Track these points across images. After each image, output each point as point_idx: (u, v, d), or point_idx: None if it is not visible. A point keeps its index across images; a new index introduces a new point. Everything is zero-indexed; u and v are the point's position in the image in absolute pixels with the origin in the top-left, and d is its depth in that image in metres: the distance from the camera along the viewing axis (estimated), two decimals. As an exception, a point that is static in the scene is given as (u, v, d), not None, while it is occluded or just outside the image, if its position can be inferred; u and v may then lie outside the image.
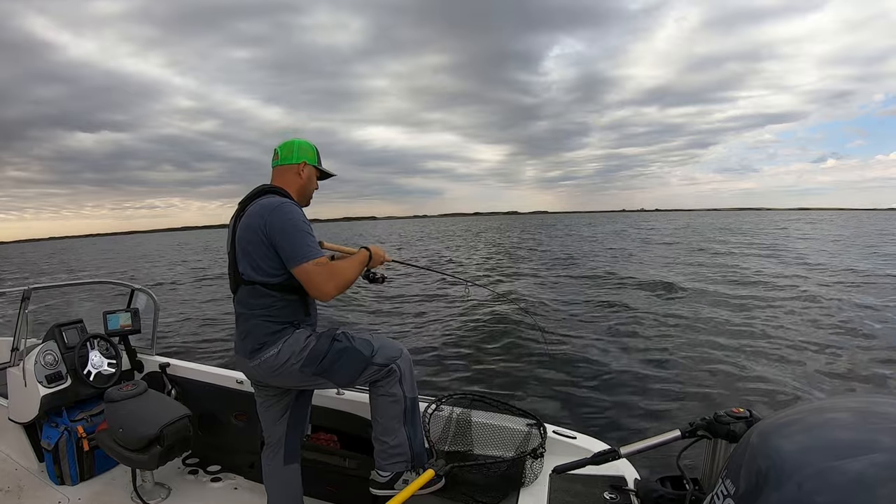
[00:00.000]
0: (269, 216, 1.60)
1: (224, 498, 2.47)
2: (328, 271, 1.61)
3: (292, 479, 1.90)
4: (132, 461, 2.21)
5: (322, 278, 1.59)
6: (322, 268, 1.59)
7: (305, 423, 1.97)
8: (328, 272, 1.61)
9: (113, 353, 2.80)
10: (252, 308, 1.66)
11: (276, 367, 1.65)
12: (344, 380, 1.75)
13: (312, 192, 1.85)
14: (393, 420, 1.74)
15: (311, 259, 1.58)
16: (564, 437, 1.82)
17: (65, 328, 2.70)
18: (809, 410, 0.77)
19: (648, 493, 1.28)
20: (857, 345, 6.03)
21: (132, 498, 2.37)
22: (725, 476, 0.74)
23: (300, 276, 1.59)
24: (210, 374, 2.72)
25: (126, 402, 2.25)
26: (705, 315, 7.77)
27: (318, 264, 1.59)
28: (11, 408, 2.57)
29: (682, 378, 4.97)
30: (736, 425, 1.10)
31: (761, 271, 12.77)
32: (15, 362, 2.50)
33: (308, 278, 1.59)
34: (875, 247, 20.92)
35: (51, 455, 2.47)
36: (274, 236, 1.58)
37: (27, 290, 2.56)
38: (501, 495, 1.59)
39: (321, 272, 1.59)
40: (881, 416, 0.69)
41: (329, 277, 1.60)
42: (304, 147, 1.80)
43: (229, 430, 2.62)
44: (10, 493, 2.42)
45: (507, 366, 5.59)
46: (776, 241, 25.41)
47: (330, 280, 1.61)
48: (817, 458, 0.63)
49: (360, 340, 1.73)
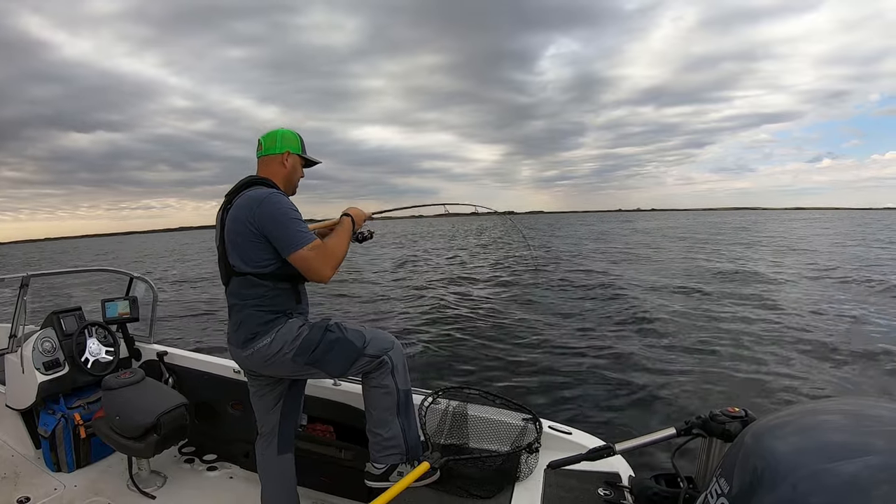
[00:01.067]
0: (257, 208, 1.60)
1: (220, 486, 2.48)
2: (323, 254, 1.64)
3: (286, 469, 1.91)
4: (129, 449, 2.22)
5: (319, 262, 1.62)
6: (317, 251, 1.62)
7: (299, 413, 1.98)
8: (323, 254, 1.64)
9: (111, 340, 2.80)
10: (244, 298, 1.67)
11: (269, 357, 1.66)
12: (335, 370, 1.76)
13: (298, 181, 1.85)
14: (386, 412, 1.75)
15: (305, 245, 1.60)
16: (560, 433, 1.83)
17: (63, 315, 2.70)
18: (803, 412, 0.77)
19: (643, 490, 1.28)
20: (854, 346, 6.04)
21: (128, 485, 2.38)
22: (720, 475, 0.75)
23: (297, 262, 1.61)
24: (207, 363, 2.72)
25: (123, 389, 2.25)
26: (703, 314, 7.79)
27: (313, 248, 1.61)
28: (9, 394, 2.58)
29: (678, 376, 4.99)
30: (731, 425, 1.10)
31: (759, 272, 12.78)
32: (13, 349, 2.50)
33: (305, 264, 1.61)
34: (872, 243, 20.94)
35: (48, 442, 2.47)
36: (265, 227, 1.59)
37: (26, 277, 2.56)
38: (496, 489, 1.60)
39: (317, 256, 1.62)
40: (874, 419, 0.69)
41: (325, 259, 1.64)
42: (287, 136, 1.80)
43: (226, 420, 2.62)
44: (6, 479, 2.43)
45: (503, 360, 5.60)
46: (774, 239, 25.42)
47: (326, 262, 1.64)
48: (812, 460, 0.64)
49: (353, 331, 1.74)
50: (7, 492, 2.33)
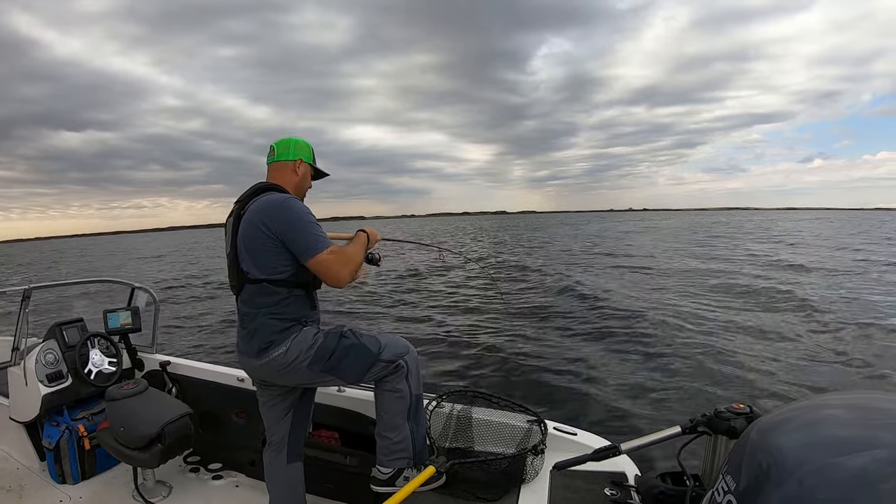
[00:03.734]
0: (274, 212, 1.61)
1: (225, 496, 2.48)
2: (341, 258, 1.65)
3: (295, 478, 1.90)
4: (133, 459, 2.22)
5: (337, 266, 1.63)
6: (336, 255, 1.63)
7: (308, 422, 1.97)
8: (341, 259, 1.65)
9: (113, 351, 2.80)
10: (259, 307, 1.66)
11: (285, 366, 1.65)
12: (352, 377, 1.75)
13: (306, 190, 1.87)
14: (397, 416, 1.74)
15: (324, 249, 1.61)
16: (565, 434, 1.82)
17: (65, 327, 2.70)
18: (809, 407, 0.77)
19: (649, 489, 1.28)
20: (857, 339, 6.04)
21: (133, 496, 2.38)
22: (726, 472, 0.75)
23: (316, 266, 1.62)
24: (211, 371, 2.72)
25: (127, 400, 2.25)
26: (706, 311, 7.78)
27: (332, 252, 1.63)
28: (12, 407, 2.58)
29: (682, 374, 4.98)
30: (736, 421, 1.10)
31: (761, 273, 12.76)
32: (16, 361, 2.50)
33: (324, 268, 1.62)
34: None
35: (52, 454, 2.47)
36: (283, 232, 1.60)
37: (27, 290, 2.56)
38: (502, 492, 1.60)
39: (335, 260, 1.63)
40: (880, 412, 0.69)
41: (343, 264, 1.65)
42: (300, 145, 1.82)
43: (230, 428, 2.62)
44: (11, 492, 2.43)
45: (507, 362, 5.59)
46: (772, 237, 25.38)
47: (344, 266, 1.65)
48: (818, 455, 0.63)
49: (368, 337, 1.75)
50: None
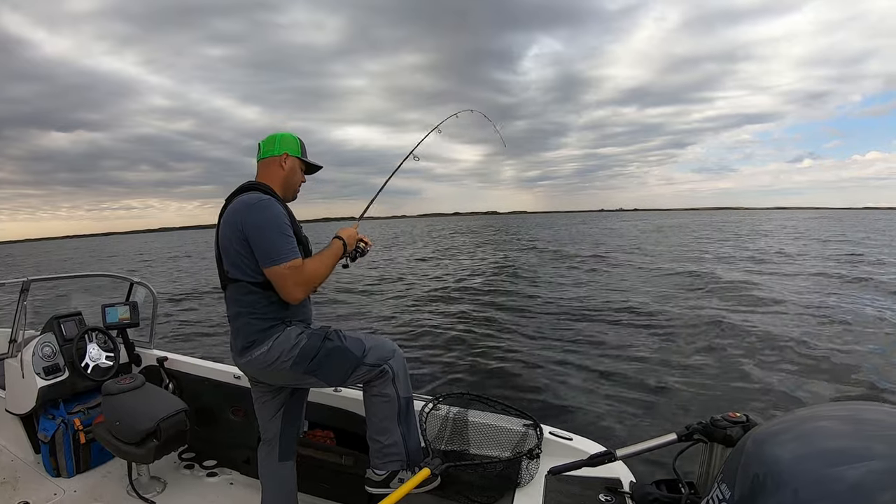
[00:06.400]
0: (245, 213, 1.57)
1: (219, 492, 2.47)
2: (299, 275, 1.57)
3: (287, 477, 1.90)
4: (128, 454, 2.21)
5: (291, 282, 1.56)
6: (293, 272, 1.56)
7: (301, 421, 1.97)
8: (298, 276, 1.57)
9: (111, 346, 2.80)
10: (241, 306, 1.64)
11: (267, 365, 1.64)
12: (334, 380, 1.73)
13: (298, 185, 1.82)
14: (386, 420, 1.73)
15: (283, 262, 1.54)
16: (561, 439, 1.82)
17: (63, 320, 2.70)
18: (804, 417, 0.77)
19: (644, 496, 1.28)
20: (853, 348, 6.03)
21: (128, 491, 2.37)
22: (721, 480, 0.75)
23: (271, 277, 1.57)
24: (208, 368, 2.72)
25: (123, 395, 2.25)
26: (702, 319, 7.77)
27: (290, 268, 1.55)
28: (9, 399, 2.57)
29: (678, 381, 4.97)
30: (732, 430, 1.10)
31: (753, 280, 12.76)
32: (13, 354, 2.50)
33: (279, 281, 1.57)
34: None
35: (47, 447, 2.47)
36: (249, 234, 1.56)
37: (26, 282, 2.56)
38: (497, 495, 1.60)
39: (291, 276, 1.56)
40: (874, 424, 0.69)
41: (299, 282, 1.58)
42: (286, 139, 1.78)
43: (226, 425, 2.62)
44: (6, 484, 2.43)
45: (503, 366, 5.59)
46: (763, 239, 25.41)
47: (299, 285, 1.58)
48: (814, 466, 0.64)
49: (352, 339, 1.71)
50: (6, 497, 2.32)
